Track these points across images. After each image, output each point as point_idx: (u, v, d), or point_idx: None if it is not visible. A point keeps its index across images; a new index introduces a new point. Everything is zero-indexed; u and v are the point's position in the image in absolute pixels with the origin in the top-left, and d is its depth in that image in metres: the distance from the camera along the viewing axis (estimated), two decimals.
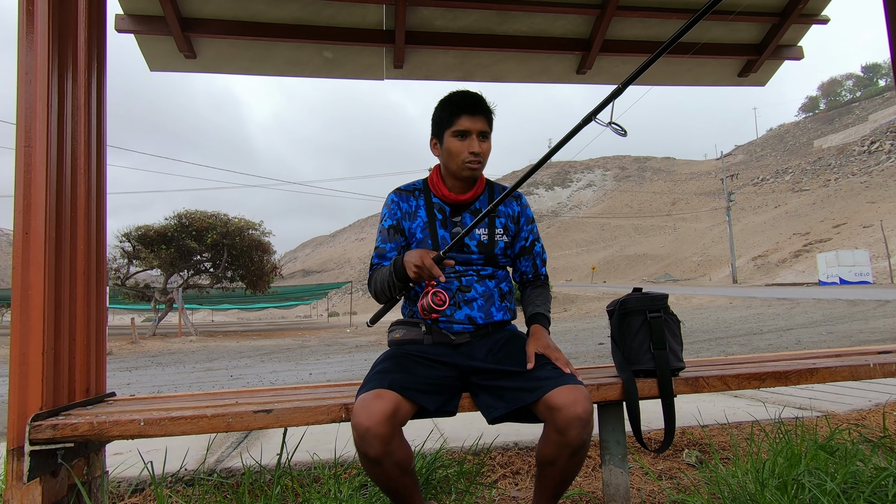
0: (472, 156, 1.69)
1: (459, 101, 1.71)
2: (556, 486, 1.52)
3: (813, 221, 51.97)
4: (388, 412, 1.37)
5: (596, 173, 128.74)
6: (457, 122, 1.69)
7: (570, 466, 1.47)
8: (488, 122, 1.73)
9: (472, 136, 1.69)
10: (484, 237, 1.76)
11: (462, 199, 1.77)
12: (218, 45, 2.70)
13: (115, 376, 8.16)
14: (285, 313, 61.82)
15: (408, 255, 1.58)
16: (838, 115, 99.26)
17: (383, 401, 1.39)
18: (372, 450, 1.36)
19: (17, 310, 1.52)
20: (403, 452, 1.42)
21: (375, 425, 1.34)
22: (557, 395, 1.42)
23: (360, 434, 1.36)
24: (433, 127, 1.79)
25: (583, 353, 7.95)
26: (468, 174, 1.73)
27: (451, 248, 1.58)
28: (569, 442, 1.41)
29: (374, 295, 1.74)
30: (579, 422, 1.39)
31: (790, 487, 1.62)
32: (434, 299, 1.58)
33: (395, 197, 1.83)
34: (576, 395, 1.41)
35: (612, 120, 1.37)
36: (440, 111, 1.74)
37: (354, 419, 1.37)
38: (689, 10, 2.73)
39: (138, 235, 20.47)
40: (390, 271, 1.64)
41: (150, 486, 2.07)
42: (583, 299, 25.57)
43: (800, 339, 8.25)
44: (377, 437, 1.35)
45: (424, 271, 1.51)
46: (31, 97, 1.57)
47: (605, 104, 1.38)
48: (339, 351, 11.53)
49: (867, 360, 1.97)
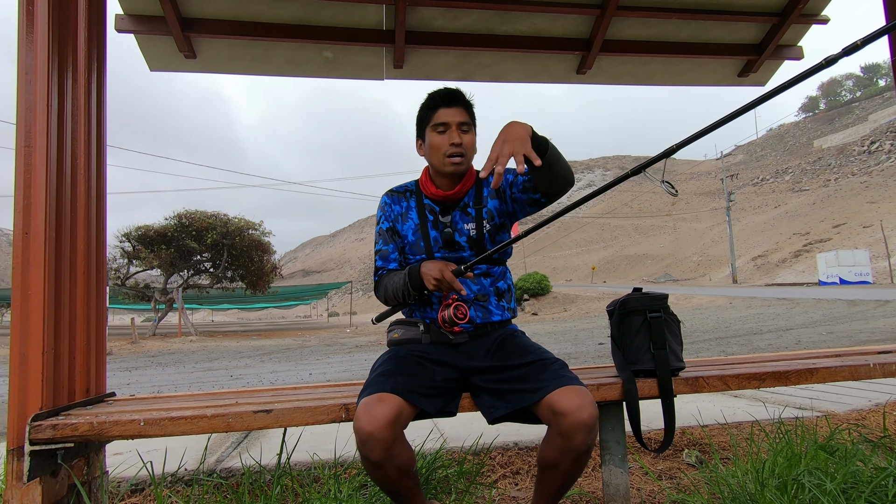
0: (453, 147, 1.67)
1: (436, 96, 1.72)
2: (557, 490, 1.51)
3: (813, 221, 51.97)
4: (390, 417, 1.36)
5: (596, 173, 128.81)
6: (435, 116, 1.70)
7: (572, 471, 1.46)
8: (468, 113, 1.72)
9: (452, 128, 1.68)
10: (473, 232, 1.73)
11: (450, 195, 1.74)
12: (218, 45, 2.70)
13: (115, 376, 8.16)
14: (285, 313, 61.82)
15: (425, 267, 1.59)
16: (838, 115, 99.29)
17: (386, 405, 1.37)
18: (374, 454, 1.35)
19: (17, 310, 1.52)
20: (405, 456, 1.41)
21: (378, 430, 1.33)
22: (562, 399, 1.40)
23: (362, 439, 1.35)
24: (416, 128, 1.79)
25: (583, 353, 7.95)
26: (452, 169, 1.70)
27: (472, 266, 1.58)
28: (573, 447, 1.39)
29: (384, 300, 1.74)
30: (585, 427, 1.37)
31: (790, 487, 1.62)
32: (456, 313, 1.60)
33: (388, 199, 1.83)
34: (581, 400, 1.39)
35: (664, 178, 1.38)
36: (420, 111, 1.76)
37: (357, 423, 1.36)
38: (689, 10, 2.73)
39: (138, 235, 20.47)
40: (405, 280, 1.63)
41: (150, 486, 2.06)
42: (583, 299, 25.57)
43: (800, 339, 8.25)
44: (380, 441, 1.34)
45: (444, 284, 1.53)
46: (31, 97, 1.57)
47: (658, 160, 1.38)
48: (339, 351, 11.53)
49: (867, 360, 1.97)
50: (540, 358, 1.58)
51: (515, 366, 1.56)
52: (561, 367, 1.55)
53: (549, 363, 1.56)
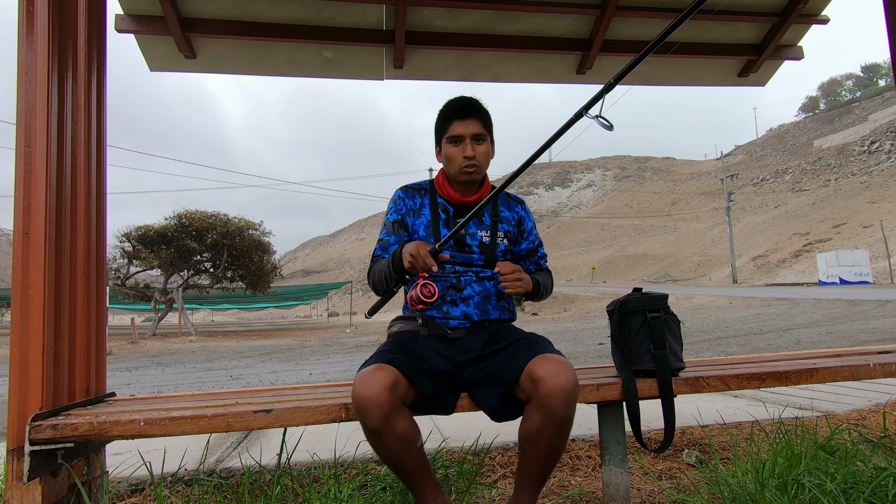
0: (466, 160, 1.73)
1: (451, 108, 1.76)
2: (542, 468, 1.49)
3: (813, 221, 51.96)
4: (387, 383, 1.39)
5: (596, 173, 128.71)
6: (450, 129, 1.75)
7: (554, 444, 1.45)
8: (484, 124, 1.76)
9: (466, 141, 1.74)
10: (486, 239, 1.79)
11: (467, 202, 1.81)
12: (218, 45, 2.70)
13: (115, 376, 8.16)
14: (285, 313, 61.82)
15: (405, 246, 1.62)
16: (838, 115, 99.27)
17: (383, 372, 1.42)
18: (372, 420, 1.37)
19: (17, 310, 1.51)
20: (406, 426, 1.43)
21: (376, 395, 1.36)
22: (539, 367, 1.43)
23: (360, 406, 1.38)
24: (434, 136, 1.85)
25: (583, 353, 7.95)
26: (466, 178, 1.77)
27: (445, 242, 1.61)
28: (553, 414, 1.40)
29: (373, 285, 1.77)
30: (562, 393, 1.39)
31: (790, 487, 1.62)
32: (423, 291, 1.60)
33: (402, 193, 1.87)
34: (558, 367, 1.43)
35: (599, 113, 1.43)
36: (437, 120, 1.81)
37: (355, 391, 1.40)
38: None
39: (138, 235, 20.48)
40: (388, 262, 1.68)
41: (150, 486, 2.06)
42: (583, 299, 25.57)
43: (800, 339, 8.25)
44: (377, 406, 1.36)
45: (419, 261, 1.55)
46: (31, 97, 1.57)
47: (596, 100, 1.43)
48: (339, 351, 11.53)
49: (867, 360, 1.97)
50: (524, 336, 1.63)
51: (502, 348, 1.60)
52: (544, 343, 1.59)
53: (532, 340, 1.60)
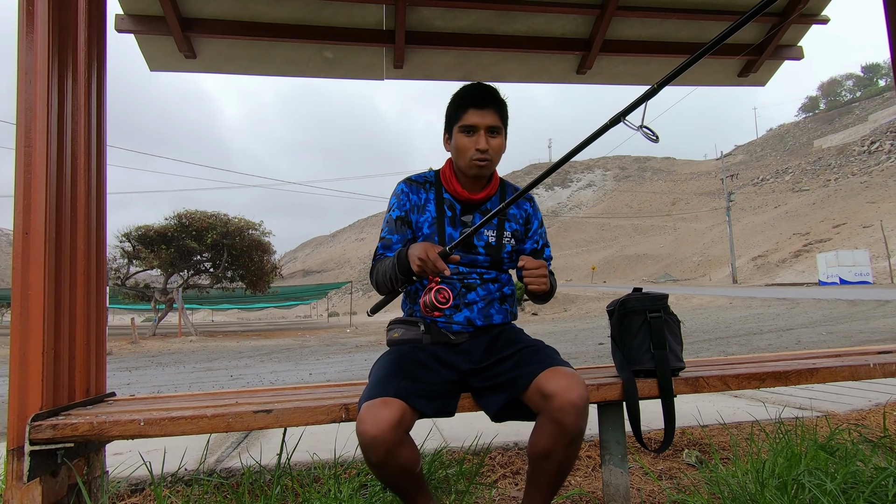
0: (478, 153, 1.63)
1: (467, 94, 1.65)
2: (552, 482, 1.48)
3: (813, 221, 51.96)
4: (394, 421, 1.34)
5: (596, 173, 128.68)
6: (464, 117, 1.64)
7: (566, 459, 1.43)
8: (500, 116, 1.65)
9: (480, 132, 1.63)
10: (492, 239, 1.72)
11: (474, 199, 1.72)
12: (218, 45, 2.70)
13: (115, 376, 8.16)
14: (285, 313, 61.80)
15: (412, 248, 1.53)
16: (838, 115, 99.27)
17: (390, 409, 1.35)
18: (376, 456, 1.34)
19: (17, 310, 1.51)
20: (408, 455, 1.39)
21: (382, 433, 1.32)
22: (550, 381, 1.40)
23: (366, 442, 1.33)
24: (445, 121, 1.73)
25: (583, 353, 7.95)
26: (475, 172, 1.67)
27: (457, 245, 1.53)
28: (565, 430, 1.37)
29: (376, 285, 1.70)
30: (574, 408, 1.36)
31: (790, 487, 1.62)
32: (437, 297, 1.52)
33: (406, 187, 1.76)
34: (570, 381, 1.39)
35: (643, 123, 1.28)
36: (450, 105, 1.69)
37: (360, 426, 1.34)
38: (689, 10, 2.73)
39: (138, 235, 20.48)
40: (393, 263, 1.58)
41: (150, 486, 2.06)
42: (583, 299, 25.57)
43: (800, 339, 8.25)
44: (384, 444, 1.32)
45: (428, 265, 1.46)
46: (31, 97, 1.57)
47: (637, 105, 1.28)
48: (339, 351, 11.53)
49: (867, 360, 1.97)
50: (530, 345, 1.59)
51: (508, 356, 1.56)
52: (552, 353, 1.55)
53: (539, 349, 1.56)
